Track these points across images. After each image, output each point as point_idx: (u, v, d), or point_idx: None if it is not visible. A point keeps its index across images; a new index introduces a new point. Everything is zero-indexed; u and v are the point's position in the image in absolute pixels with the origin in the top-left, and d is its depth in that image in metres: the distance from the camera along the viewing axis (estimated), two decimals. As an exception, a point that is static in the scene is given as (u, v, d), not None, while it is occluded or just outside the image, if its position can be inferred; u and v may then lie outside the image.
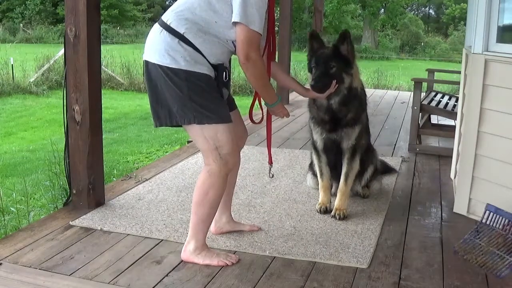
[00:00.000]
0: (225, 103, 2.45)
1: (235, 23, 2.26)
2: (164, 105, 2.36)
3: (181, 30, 2.29)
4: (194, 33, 2.29)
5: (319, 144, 3.22)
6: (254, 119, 2.66)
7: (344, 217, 3.08)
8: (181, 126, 2.41)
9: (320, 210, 3.18)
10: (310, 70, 2.99)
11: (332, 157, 3.24)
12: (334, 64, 2.89)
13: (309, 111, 3.24)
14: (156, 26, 2.38)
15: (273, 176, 2.89)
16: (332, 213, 3.12)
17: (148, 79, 2.38)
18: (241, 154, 2.70)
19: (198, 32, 2.29)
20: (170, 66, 2.28)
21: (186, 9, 2.31)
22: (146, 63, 2.37)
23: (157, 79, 2.33)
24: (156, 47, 2.33)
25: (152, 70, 2.34)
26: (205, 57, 2.31)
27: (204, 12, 2.29)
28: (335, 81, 2.89)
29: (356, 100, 3.06)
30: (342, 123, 3.08)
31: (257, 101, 2.66)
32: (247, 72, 2.35)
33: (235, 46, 2.35)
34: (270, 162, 2.80)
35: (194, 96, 2.30)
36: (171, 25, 2.30)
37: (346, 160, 3.18)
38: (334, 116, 3.06)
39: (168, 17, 2.34)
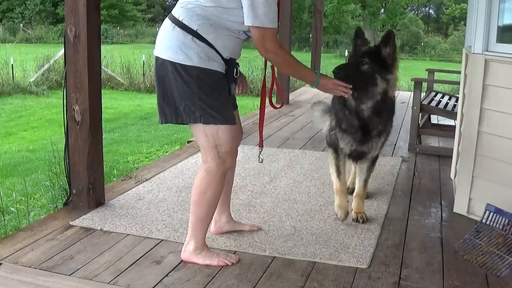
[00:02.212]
0: (231, 103, 2.46)
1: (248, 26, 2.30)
2: (170, 103, 2.36)
3: (194, 26, 2.28)
4: (207, 29, 2.28)
5: (346, 151, 3.00)
6: (274, 105, 2.82)
7: (366, 219, 3.03)
8: (185, 123, 2.41)
9: (339, 217, 3.03)
10: None
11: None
12: (367, 61, 2.69)
13: (335, 121, 2.98)
14: (168, 22, 2.36)
15: (262, 161, 2.77)
16: (354, 217, 3.04)
17: (157, 75, 2.38)
18: (241, 154, 2.69)
19: (211, 28, 2.29)
20: (183, 63, 2.28)
21: (197, 4, 2.29)
22: (157, 59, 2.37)
23: (166, 76, 2.33)
24: (169, 44, 2.32)
25: (163, 66, 2.33)
26: (218, 52, 2.31)
27: (214, 8, 2.28)
28: (357, 83, 2.65)
29: (389, 112, 2.92)
30: (372, 134, 2.90)
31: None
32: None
33: (247, 35, 2.39)
34: (261, 145, 2.73)
35: (203, 95, 2.31)
36: (183, 21, 2.29)
37: (366, 168, 3.09)
38: (364, 125, 2.85)
39: (179, 13, 2.32)
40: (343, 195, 3.05)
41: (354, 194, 3.14)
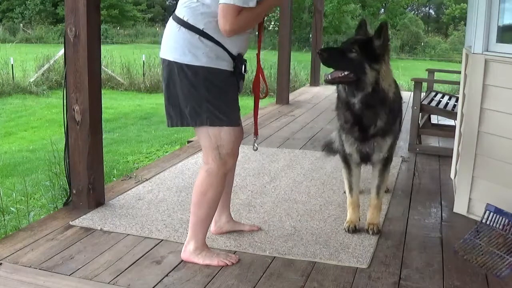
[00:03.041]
0: (237, 103, 2.44)
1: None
2: (175, 106, 2.35)
3: (200, 26, 2.26)
4: (213, 27, 2.26)
5: (354, 155, 2.90)
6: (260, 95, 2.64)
7: (378, 231, 2.90)
8: (191, 126, 2.40)
9: (348, 229, 2.90)
10: None
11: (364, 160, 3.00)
12: (357, 49, 2.63)
13: (338, 119, 2.94)
14: (173, 23, 2.34)
15: (257, 149, 2.69)
16: (366, 227, 2.93)
17: (164, 78, 2.37)
18: (241, 154, 2.69)
19: (217, 24, 2.25)
20: (191, 63, 2.26)
21: (200, 3, 2.27)
22: (163, 61, 2.35)
23: (172, 78, 2.31)
24: (175, 45, 2.30)
25: (169, 68, 2.32)
26: (226, 50, 2.29)
27: (215, 7, 2.23)
28: (352, 72, 2.62)
29: (385, 106, 2.73)
30: (370, 133, 2.78)
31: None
32: (241, 33, 2.30)
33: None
34: (256, 134, 2.66)
35: (210, 97, 2.30)
36: (189, 22, 2.27)
37: (377, 172, 2.94)
38: (359, 121, 2.76)
39: (183, 13, 2.30)
40: (356, 208, 2.98)
41: (369, 203, 3.01)
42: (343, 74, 2.65)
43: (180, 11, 2.32)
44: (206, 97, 2.29)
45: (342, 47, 2.74)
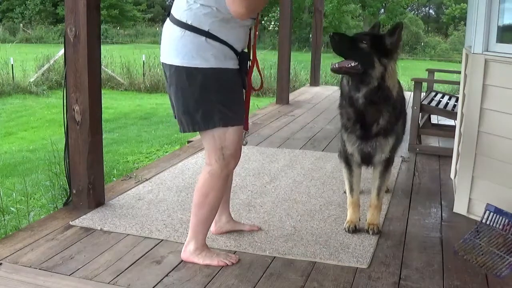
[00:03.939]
0: (243, 101, 2.44)
1: None
2: (186, 112, 2.33)
3: (205, 27, 2.24)
4: (217, 27, 2.25)
5: (355, 155, 2.89)
6: (253, 87, 2.61)
7: (378, 232, 2.90)
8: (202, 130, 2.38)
9: (348, 229, 2.90)
10: None
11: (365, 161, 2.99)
12: (369, 42, 2.63)
13: (340, 118, 2.92)
14: (174, 28, 2.29)
15: (246, 143, 2.64)
16: (366, 227, 2.92)
17: (171, 84, 2.33)
18: (241, 154, 2.69)
19: (221, 23, 2.25)
20: (199, 66, 2.24)
21: (199, 5, 2.24)
22: (170, 67, 2.31)
23: (181, 83, 2.29)
24: (182, 49, 2.26)
25: (176, 73, 2.29)
26: (232, 47, 2.29)
27: (218, 4, 2.23)
28: (359, 63, 2.60)
29: (388, 105, 2.72)
30: (373, 132, 2.77)
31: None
32: (256, 12, 2.35)
33: (252, 19, 2.37)
34: (246, 128, 2.59)
35: (222, 97, 2.29)
36: (193, 24, 2.24)
37: (378, 174, 2.93)
38: (362, 118, 2.74)
39: (186, 17, 2.26)
40: (356, 208, 2.97)
41: (369, 204, 3.00)
42: (350, 65, 2.63)
43: (181, 15, 2.28)
44: (217, 98, 2.28)
45: (354, 36, 2.74)
